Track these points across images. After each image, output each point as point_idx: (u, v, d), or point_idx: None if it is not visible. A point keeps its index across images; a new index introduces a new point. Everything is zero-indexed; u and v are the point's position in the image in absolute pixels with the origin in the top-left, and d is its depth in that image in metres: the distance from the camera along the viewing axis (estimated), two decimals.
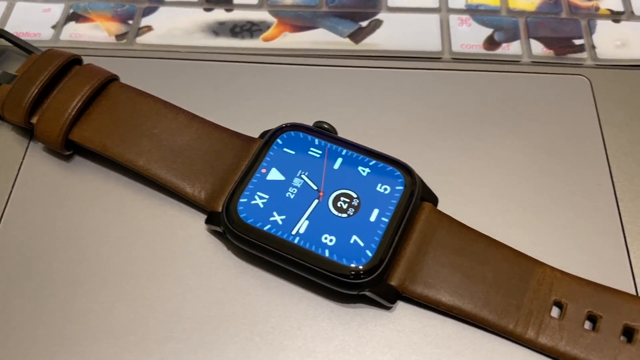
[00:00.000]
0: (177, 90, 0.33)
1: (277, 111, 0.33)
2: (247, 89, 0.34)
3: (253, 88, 0.34)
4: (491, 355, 0.26)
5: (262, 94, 0.33)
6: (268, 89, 0.34)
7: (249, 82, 0.34)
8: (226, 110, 0.33)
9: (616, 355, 0.25)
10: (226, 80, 0.34)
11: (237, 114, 0.32)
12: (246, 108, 0.33)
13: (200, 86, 0.34)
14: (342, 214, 0.27)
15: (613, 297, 0.26)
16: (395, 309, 0.27)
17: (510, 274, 0.27)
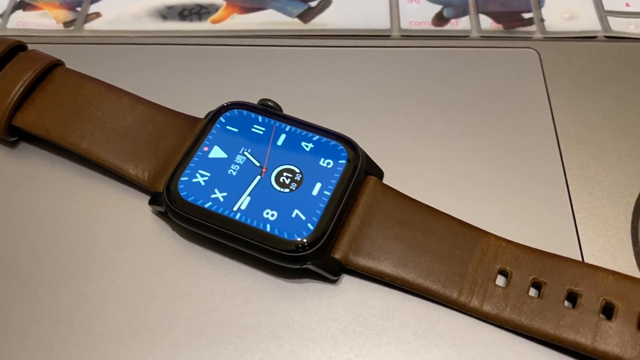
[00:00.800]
0: (125, 75, 0.33)
1: (225, 92, 0.32)
2: (196, 72, 0.33)
3: (202, 70, 0.34)
4: (436, 325, 0.26)
5: (211, 76, 0.33)
6: (217, 71, 0.33)
7: (197, 65, 0.34)
8: (175, 93, 0.32)
9: (559, 320, 0.25)
10: (175, 63, 0.34)
11: (186, 96, 0.32)
12: (195, 90, 0.33)
13: (149, 70, 0.34)
14: (285, 189, 0.26)
15: (557, 263, 0.26)
16: (340, 283, 0.27)
17: (455, 243, 0.27)
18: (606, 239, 0.28)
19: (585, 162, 0.30)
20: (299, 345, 0.25)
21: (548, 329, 0.25)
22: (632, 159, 0.30)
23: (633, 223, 0.28)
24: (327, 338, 0.25)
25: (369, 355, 0.25)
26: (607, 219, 0.28)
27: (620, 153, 0.30)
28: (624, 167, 0.30)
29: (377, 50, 0.34)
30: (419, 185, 0.29)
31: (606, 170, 0.30)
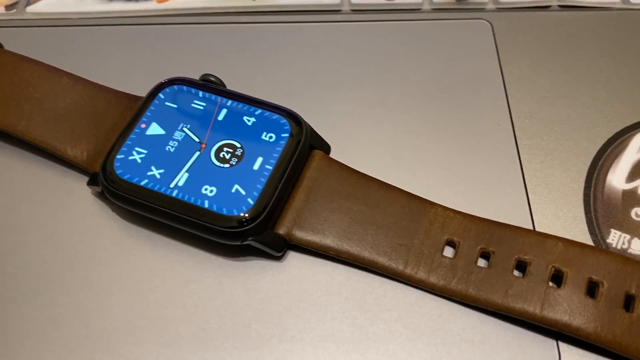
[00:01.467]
0: (68, 57, 0.32)
1: (172, 71, 0.31)
2: (141, 52, 0.33)
3: (148, 50, 0.33)
4: (382, 299, 0.25)
5: (158, 56, 0.32)
6: (163, 50, 0.33)
7: (143, 45, 0.33)
8: (121, 73, 0.32)
9: (507, 289, 0.24)
10: (120, 44, 0.33)
11: (132, 77, 0.31)
12: (141, 70, 0.32)
13: (93, 51, 0.33)
14: (225, 164, 0.26)
15: (506, 232, 0.25)
16: (285, 259, 0.26)
17: (401, 215, 0.26)
18: (558, 207, 0.27)
19: (537, 131, 0.29)
20: (241, 324, 0.24)
21: (496, 298, 0.24)
22: (585, 126, 0.29)
23: (585, 190, 0.27)
24: (271, 315, 0.25)
25: (314, 331, 0.24)
26: (559, 187, 0.28)
27: (573, 121, 0.29)
28: (577, 135, 0.29)
29: (327, 25, 0.33)
30: (368, 159, 0.28)
31: (558, 139, 0.29)
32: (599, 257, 0.24)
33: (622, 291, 0.23)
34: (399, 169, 0.28)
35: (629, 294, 0.24)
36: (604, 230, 0.26)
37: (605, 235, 0.26)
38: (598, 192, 0.27)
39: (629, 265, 0.24)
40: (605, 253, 0.24)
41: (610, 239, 0.26)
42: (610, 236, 0.26)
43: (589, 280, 0.24)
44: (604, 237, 0.26)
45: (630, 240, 0.26)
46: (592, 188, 0.27)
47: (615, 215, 0.27)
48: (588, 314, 0.23)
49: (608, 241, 0.26)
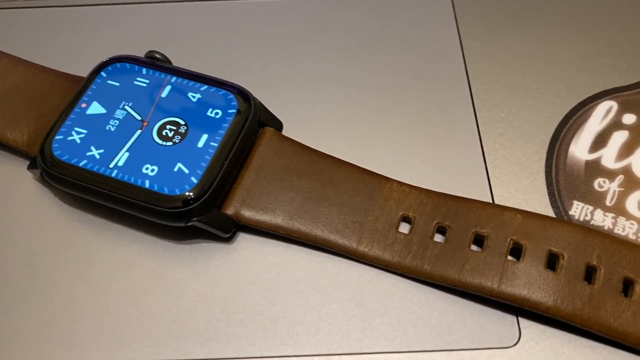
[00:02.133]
0: (10, 40, 0.31)
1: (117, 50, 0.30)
2: (86, 32, 0.31)
3: (92, 30, 0.31)
4: (335, 278, 0.24)
5: (103, 35, 0.31)
6: (109, 30, 0.31)
7: (87, 25, 0.31)
8: (64, 55, 0.30)
9: (464, 264, 0.23)
10: (63, 25, 0.32)
11: (76, 58, 0.30)
12: (85, 51, 0.30)
13: (36, 34, 0.31)
14: (167, 142, 0.24)
15: (463, 205, 0.24)
16: (234, 241, 0.25)
17: (355, 192, 0.25)
18: (519, 180, 0.26)
19: (497, 103, 0.28)
20: (188, 310, 0.23)
21: (452, 274, 0.23)
22: (546, 97, 0.28)
23: (547, 162, 0.26)
24: (219, 299, 0.23)
25: (264, 315, 0.23)
26: (520, 159, 0.27)
27: (534, 92, 0.28)
28: (538, 106, 0.28)
29: (275, 2, 0.32)
30: (322, 135, 0.27)
31: (519, 111, 0.28)
32: (558, 229, 0.23)
33: (582, 263, 0.23)
34: (354, 145, 0.27)
35: (589, 266, 0.23)
36: (566, 202, 0.25)
37: (568, 207, 0.25)
38: (560, 164, 0.26)
39: (589, 236, 0.23)
40: (566, 224, 0.23)
41: (572, 211, 0.25)
42: (572, 208, 0.25)
43: (548, 252, 0.23)
44: (566, 209, 0.25)
45: (593, 212, 0.25)
46: (554, 159, 0.26)
47: (577, 187, 0.26)
48: (548, 287, 0.22)
49: (570, 213, 0.25)
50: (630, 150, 0.27)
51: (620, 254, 0.23)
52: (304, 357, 0.22)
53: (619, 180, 0.26)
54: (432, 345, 0.22)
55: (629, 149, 0.27)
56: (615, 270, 0.22)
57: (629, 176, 0.26)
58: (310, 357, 0.22)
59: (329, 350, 0.22)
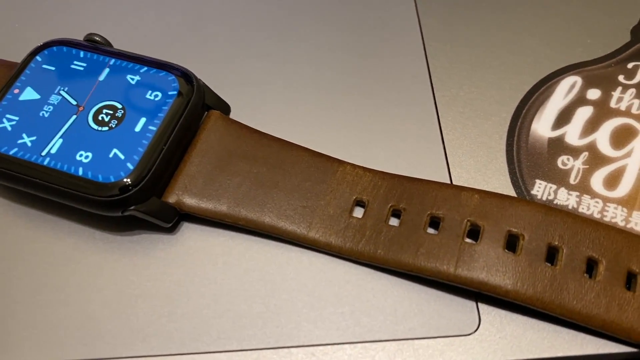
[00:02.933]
0: None
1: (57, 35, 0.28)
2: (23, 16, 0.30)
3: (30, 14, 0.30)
4: (285, 267, 0.22)
5: (40, 19, 0.29)
6: (48, 14, 0.30)
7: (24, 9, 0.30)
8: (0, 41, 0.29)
9: (419, 247, 0.22)
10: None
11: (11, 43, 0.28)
12: (22, 35, 0.29)
13: None
14: (103, 127, 0.23)
15: (418, 187, 0.23)
16: (178, 231, 0.23)
17: (306, 176, 0.23)
18: (478, 160, 0.25)
19: (456, 82, 0.27)
20: (128, 305, 0.22)
21: (406, 258, 0.22)
22: (508, 74, 0.27)
23: (508, 140, 0.25)
24: (160, 293, 0.22)
25: (209, 308, 0.22)
26: (480, 138, 0.25)
27: (495, 69, 0.27)
28: (500, 83, 0.27)
29: None
30: (273, 119, 0.26)
31: (480, 89, 0.27)
32: (518, 208, 0.22)
33: (543, 243, 0.21)
34: (307, 128, 0.26)
35: (551, 246, 0.21)
36: (528, 182, 0.24)
37: (530, 187, 0.24)
38: (522, 142, 0.25)
39: (551, 215, 0.22)
40: (526, 203, 0.22)
41: (535, 190, 0.24)
42: (535, 187, 0.24)
43: (507, 233, 0.21)
44: (528, 189, 0.24)
45: (556, 191, 0.24)
46: (515, 137, 0.25)
47: (540, 165, 0.24)
48: (507, 269, 0.21)
49: (533, 192, 0.24)
50: (594, 126, 0.25)
51: (584, 233, 0.21)
52: (249, 351, 0.21)
53: (584, 158, 0.25)
54: (386, 335, 0.21)
55: (593, 125, 0.25)
56: (578, 250, 0.21)
57: (593, 153, 0.25)
58: (257, 351, 0.21)
59: (277, 343, 0.21)
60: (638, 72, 0.27)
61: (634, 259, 0.21)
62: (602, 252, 0.21)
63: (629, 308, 0.20)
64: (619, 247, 0.21)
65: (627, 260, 0.21)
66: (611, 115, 0.26)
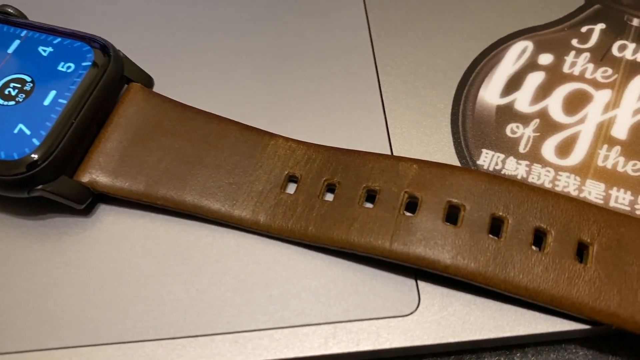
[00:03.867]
0: None
1: None
2: None
3: None
4: (209, 250, 0.21)
5: None
6: None
7: None
8: None
9: (352, 223, 0.20)
10: None
11: None
12: None
13: None
14: (9, 101, 0.21)
15: (354, 158, 0.21)
16: (94, 213, 0.21)
17: (233, 150, 0.22)
18: (421, 130, 0.23)
19: (400, 50, 0.25)
20: (39, 294, 0.20)
21: (338, 234, 0.20)
22: (455, 40, 0.25)
23: (453, 109, 0.23)
24: (74, 281, 0.20)
25: (127, 295, 0.20)
26: (424, 107, 0.24)
27: (441, 36, 0.26)
28: (446, 50, 0.25)
29: None
30: (203, 92, 0.24)
31: (425, 57, 0.25)
32: (459, 177, 0.20)
33: (486, 214, 0.20)
34: (241, 101, 0.24)
35: (495, 217, 0.20)
36: (474, 151, 0.22)
37: (476, 157, 0.22)
38: (468, 110, 0.23)
39: (495, 183, 0.20)
40: (468, 172, 0.20)
41: (481, 160, 0.22)
42: (481, 157, 0.22)
43: (447, 204, 0.20)
44: (474, 159, 0.22)
45: (504, 160, 0.22)
46: (461, 106, 0.23)
47: (487, 134, 0.23)
48: (446, 242, 0.19)
49: (479, 163, 0.22)
50: (546, 92, 0.24)
51: (531, 202, 0.20)
52: (167, 340, 0.19)
53: (534, 125, 0.23)
54: (318, 318, 0.19)
55: (545, 91, 0.24)
56: (524, 221, 0.19)
57: (545, 120, 0.23)
58: (175, 340, 0.19)
59: (197, 331, 0.19)
60: (592, 36, 0.25)
61: (585, 229, 0.19)
62: (550, 222, 0.19)
63: (580, 281, 0.19)
64: (568, 216, 0.20)
65: (577, 230, 0.19)
66: (564, 81, 0.24)
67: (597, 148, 0.22)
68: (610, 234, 0.19)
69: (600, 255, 0.19)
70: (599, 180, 0.22)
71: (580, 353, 0.20)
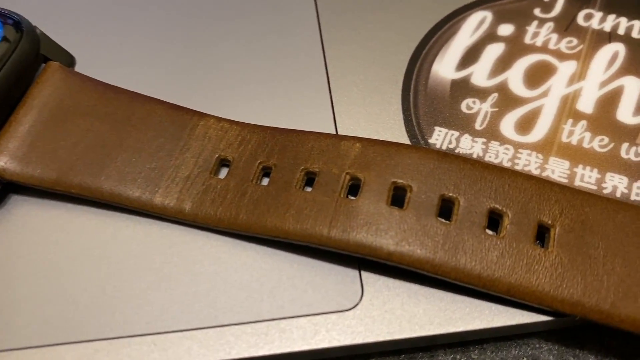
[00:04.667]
0: None
1: None
2: None
3: None
4: (128, 243, 0.18)
5: None
6: None
7: None
8: None
9: (288, 209, 0.18)
10: None
11: None
12: None
13: None
14: None
15: (292, 139, 0.19)
16: (5, 204, 0.19)
17: (157, 132, 0.19)
18: (369, 108, 0.21)
19: (349, 23, 0.23)
20: None
21: (272, 221, 0.18)
22: (408, 12, 0.24)
23: (404, 85, 0.21)
24: None
25: (35, 295, 0.18)
26: (373, 84, 0.22)
27: (394, 8, 0.24)
28: (398, 23, 0.23)
29: None
30: (133, 72, 0.22)
31: (374, 30, 0.23)
32: (406, 156, 0.18)
33: (435, 195, 0.17)
34: (170, 81, 0.22)
35: (445, 198, 0.18)
36: (425, 129, 0.20)
37: (428, 135, 0.20)
38: (420, 86, 0.21)
39: (445, 161, 0.18)
40: (415, 150, 0.18)
41: (433, 138, 0.20)
42: (434, 135, 0.20)
43: (392, 185, 0.18)
44: (425, 137, 0.20)
45: (459, 138, 0.20)
46: (412, 81, 0.21)
47: (440, 111, 0.21)
48: (390, 227, 0.17)
49: (431, 142, 0.20)
50: (506, 64, 0.22)
51: (485, 181, 0.18)
52: (77, 344, 0.17)
53: (492, 100, 0.21)
54: (248, 316, 0.17)
55: (504, 64, 0.22)
56: (477, 202, 0.17)
57: (504, 94, 0.21)
58: (87, 343, 0.17)
59: (112, 333, 0.17)
60: (556, 5, 0.23)
61: (546, 210, 0.17)
62: (506, 202, 0.17)
63: (540, 268, 0.17)
64: (527, 196, 0.17)
65: (537, 212, 0.17)
66: (525, 52, 0.22)
67: (561, 123, 0.20)
68: (574, 214, 0.17)
69: (562, 238, 0.17)
70: (563, 158, 0.20)
71: (544, 348, 0.18)
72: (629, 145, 0.20)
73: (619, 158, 0.19)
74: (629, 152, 0.20)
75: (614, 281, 0.16)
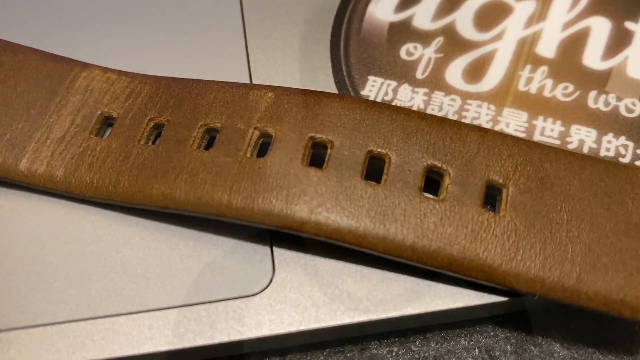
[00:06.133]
0: None
1: None
2: None
3: None
4: None
5: None
6: None
7: None
8: None
9: (179, 173, 0.14)
10: None
11: None
12: None
13: None
14: None
15: (191, 90, 0.16)
16: None
17: (30, 86, 0.16)
18: (291, 55, 0.18)
19: None
20: None
21: (159, 189, 0.14)
22: None
23: (334, 30, 0.18)
24: None
25: None
26: (297, 28, 0.18)
27: None
28: None
29: None
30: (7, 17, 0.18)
31: None
32: (327, 106, 0.15)
33: (361, 151, 0.14)
34: (54, 28, 0.18)
35: (373, 155, 0.14)
36: (358, 79, 0.17)
37: (360, 86, 0.17)
38: (353, 30, 0.18)
39: (373, 111, 0.15)
40: (338, 99, 0.15)
41: (367, 90, 0.17)
42: (367, 86, 0.17)
43: (310, 141, 0.14)
44: (357, 89, 0.17)
45: (396, 88, 0.17)
46: (344, 25, 0.18)
47: (376, 58, 0.17)
48: (305, 191, 0.14)
49: (363, 93, 0.17)
50: (453, 4, 0.19)
51: (422, 133, 0.14)
52: None
53: (437, 44, 0.18)
54: (127, 307, 0.14)
55: (452, 3, 0.19)
56: (412, 158, 0.14)
57: (451, 38, 0.18)
58: None
59: None
60: None
61: (496, 166, 0.14)
62: (447, 158, 0.14)
63: (488, 236, 0.13)
64: (473, 150, 0.14)
65: (485, 169, 0.14)
66: None
67: (518, 69, 0.17)
68: (531, 171, 0.14)
69: (516, 200, 0.14)
70: (520, 109, 0.16)
71: (500, 336, 0.15)
72: (597, 93, 0.17)
73: (586, 108, 0.16)
74: (598, 101, 0.16)
75: (580, 250, 0.13)
